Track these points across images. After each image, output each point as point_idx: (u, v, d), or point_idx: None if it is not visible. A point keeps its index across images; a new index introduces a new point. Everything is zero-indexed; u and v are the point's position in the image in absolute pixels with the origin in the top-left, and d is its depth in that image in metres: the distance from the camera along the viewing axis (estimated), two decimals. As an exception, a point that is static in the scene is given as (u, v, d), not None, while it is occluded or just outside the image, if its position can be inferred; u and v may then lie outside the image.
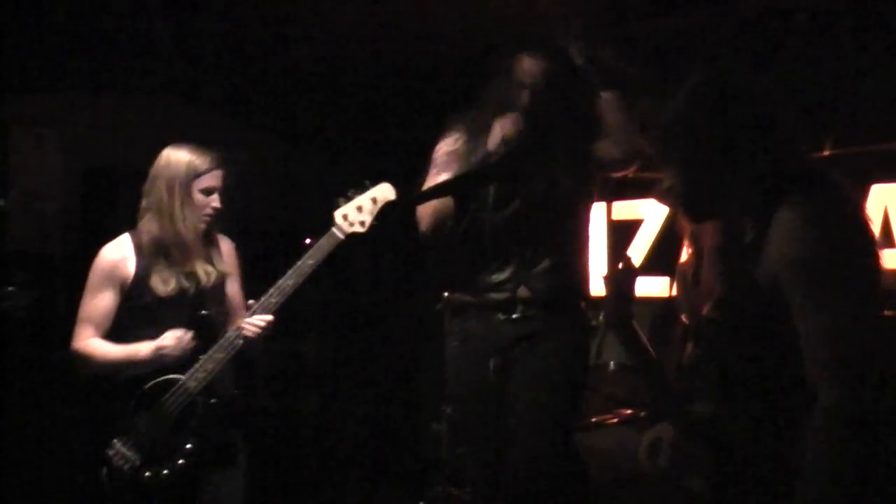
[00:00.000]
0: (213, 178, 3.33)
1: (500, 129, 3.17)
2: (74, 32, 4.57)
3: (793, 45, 4.23)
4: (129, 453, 3.14)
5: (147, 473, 3.12)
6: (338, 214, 3.25)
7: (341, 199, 3.26)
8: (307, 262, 3.21)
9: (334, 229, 3.24)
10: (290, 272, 3.22)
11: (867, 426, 1.88)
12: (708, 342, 2.18)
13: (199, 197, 3.31)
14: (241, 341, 3.23)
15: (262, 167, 5.44)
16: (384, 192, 3.27)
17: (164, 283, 3.25)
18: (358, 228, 3.24)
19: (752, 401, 2.07)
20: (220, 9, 4.55)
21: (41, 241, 4.95)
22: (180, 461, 3.15)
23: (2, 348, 4.44)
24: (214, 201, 3.32)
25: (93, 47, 4.70)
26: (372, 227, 3.24)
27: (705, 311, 2.19)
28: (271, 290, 3.24)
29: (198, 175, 3.30)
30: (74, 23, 4.48)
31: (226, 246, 3.48)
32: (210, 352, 3.22)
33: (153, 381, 3.18)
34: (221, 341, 3.23)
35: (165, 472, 3.13)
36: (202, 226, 3.33)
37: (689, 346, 2.25)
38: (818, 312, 1.92)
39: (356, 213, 3.25)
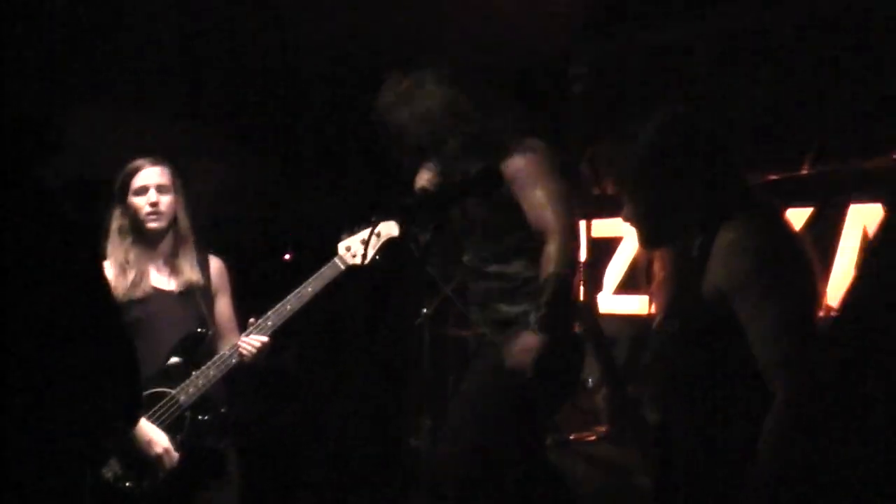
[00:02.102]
0: (144, 178, 3.32)
1: None
2: (60, 42, 4.54)
3: (774, 62, 4.26)
4: (112, 462, 3.10)
5: (128, 484, 3.09)
6: (341, 246, 3.30)
7: (345, 233, 3.30)
8: (307, 289, 3.26)
9: (336, 260, 3.29)
10: (289, 297, 3.26)
11: (818, 415, 2.10)
12: (656, 352, 2.37)
13: (133, 200, 3.32)
14: (234, 360, 3.24)
15: (248, 182, 5.44)
16: (388, 228, 3.31)
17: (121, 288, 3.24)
18: (358, 261, 3.27)
19: (695, 406, 2.24)
20: (213, 21, 4.56)
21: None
22: (162, 474, 3.12)
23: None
24: (151, 199, 3.30)
25: (81, 57, 4.68)
26: (373, 260, 3.27)
27: (655, 323, 2.41)
28: (269, 314, 3.27)
29: (130, 178, 3.32)
30: (60, 33, 4.46)
31: (215, 264, 3.46)
32: (203, 368, 3.22)
33: (143, 393, 3.14)
34: (215, 358, 3.24)
35: (146, 483, 3.10)
36: (148, 226, 3.31)
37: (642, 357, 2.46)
38: (763, 317, 2.12)
39: (359, 246, 3.28)
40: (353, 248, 3.30)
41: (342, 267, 3.29)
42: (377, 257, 3.30)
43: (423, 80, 3.22)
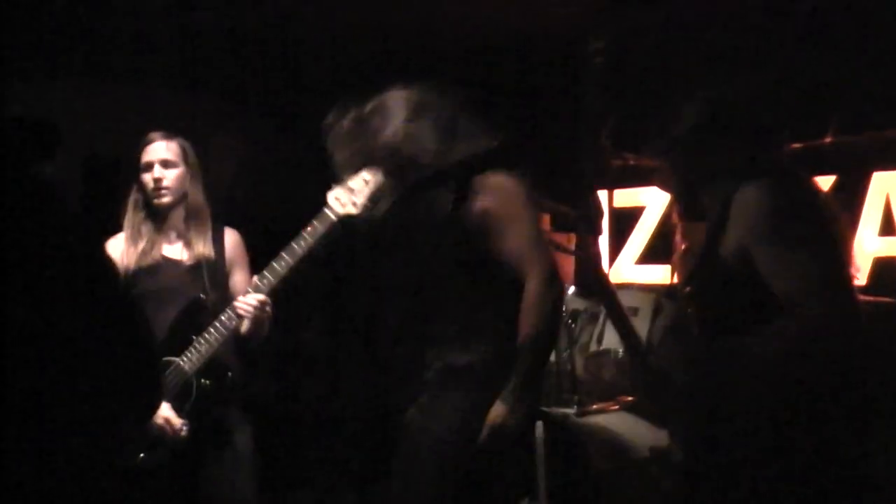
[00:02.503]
0: (149, 154, 3.35)
1: None
2: (72, 21, 4.56)
3: (796, 31, 4.22)
4: None
5: (141, 455, 3.09)
6: (330, 196, 3.16)
7: (333, 183, 3.18)
8: (299, 243, 3.16)
9: (326, 210, 3.17)
10: (282, 253, 3.19)
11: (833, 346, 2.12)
12: (678, 318, 2.44)
13: (141, 176, 3.35)
14: (233, 322, 3.22)
15: (261, 156, 5.43)
16: (375, 174, 3.11)
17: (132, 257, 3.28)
18: (350, 209, 3.13)
19: (717, 374, 2.26)
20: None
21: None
22: (168, 444, 3.12)
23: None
24: (155, 174, 3.33)
25: (90, 35, 4.69)
26: (365, 207, 3.11)
27: (678, 289, 2.46)
28: (264, 272, 3.22)
29: (139, 154, 3.34)
30: (73, 11, 4.47)
31: (231, 237, 3.46)
32: (204, 333, 3.21)
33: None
34: (215, 322, 3.22)
35: (157, 454, 3.10)
36: (154, 202, 3.34)
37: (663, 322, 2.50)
38: (794, 252, 2.15)
39: (348, 195, 3.14)
40: (343, 198, 3.15)
41: (333, 218, 3.16)
42: (368, 205, 3.12)
43: (381, 105, 2.99)
